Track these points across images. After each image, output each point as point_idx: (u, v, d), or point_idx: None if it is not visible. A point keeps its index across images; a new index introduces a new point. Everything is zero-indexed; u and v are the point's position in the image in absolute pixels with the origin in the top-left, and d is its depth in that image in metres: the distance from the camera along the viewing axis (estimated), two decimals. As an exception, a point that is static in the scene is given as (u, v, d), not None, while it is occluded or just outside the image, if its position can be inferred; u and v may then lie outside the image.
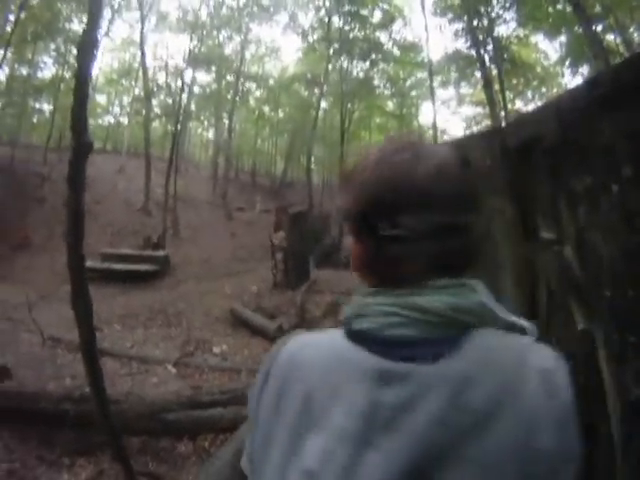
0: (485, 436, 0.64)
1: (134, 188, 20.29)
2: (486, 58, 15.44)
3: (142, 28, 18.78)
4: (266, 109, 25.76)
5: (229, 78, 20.88)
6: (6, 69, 19.07)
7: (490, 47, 15.40)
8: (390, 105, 23.78)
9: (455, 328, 0.68)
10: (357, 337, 0.70)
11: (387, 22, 16.65)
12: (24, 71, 21.81)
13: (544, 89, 20.89)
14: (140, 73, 21.38)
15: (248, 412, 0.79)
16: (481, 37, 15.21)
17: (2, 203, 16.57)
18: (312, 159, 23.71)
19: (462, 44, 16.11)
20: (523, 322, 0.75)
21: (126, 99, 25.73)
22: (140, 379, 6.08)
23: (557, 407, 0.68)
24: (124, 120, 27.29)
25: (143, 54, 19.05)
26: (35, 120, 25.48)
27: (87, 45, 3.30)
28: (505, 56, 15.63)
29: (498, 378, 0.67)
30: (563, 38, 16.12)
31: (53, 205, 16.99)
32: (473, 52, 15.59)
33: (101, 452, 4.19)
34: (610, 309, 1.77)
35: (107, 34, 21.36)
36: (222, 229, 21.43)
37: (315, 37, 17.81)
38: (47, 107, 23.05)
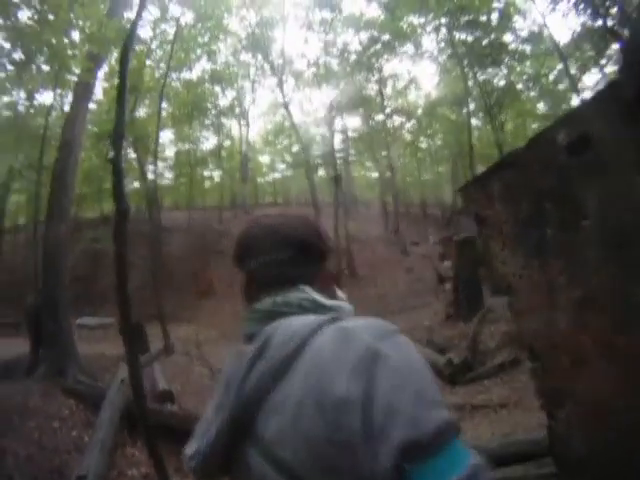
0: (284, 384, 0.91)
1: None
2: (619, 26, 13.07)
3: (282, 90, 20.28)
4: (420, 139, 25.46)
5: (377, 117, 21.21)
6: (173, 148, 21.96)
7: (617, 16, 13.02)
8: (541, 107, 21.75)
9: (272, 319, 1.01)
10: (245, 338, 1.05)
11: (506, 21, 15.40)
12: (187, 146, 25.34)
13: None
14: (292, 130, 23.01)
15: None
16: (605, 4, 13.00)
17: (187, 258, 18.96)
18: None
19: (586, 18, 13.85)
20: (341, 304, 1.12)
21: (287, 155, 27.72)
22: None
23: (349, 357, 0.87)
24: (289, 174, 29.41)
25: (289, 113, 20.60)
26: (206, 185, 28.58)
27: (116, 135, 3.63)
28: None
29: (290, 339, 0.94)
30: None
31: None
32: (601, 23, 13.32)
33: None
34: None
35: (253, 103, 23.62)
36: (397, 265, 21.42)
37: (443, 57, 17.27)
38: (215, 173, 25.91)
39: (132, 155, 19.75)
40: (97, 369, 8.91)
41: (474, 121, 22.02)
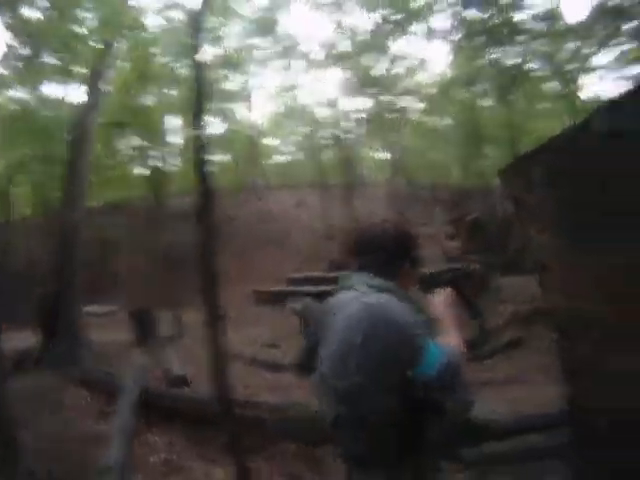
0: (331, 333, 1.76)
1: (314, 216, 21.44)
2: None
3: (289, 72, 20.21)
4: (430, 120, 25.20)
5: (386, 98, 21.01)
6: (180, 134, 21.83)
7: None
8: (551, 86, 21.40)
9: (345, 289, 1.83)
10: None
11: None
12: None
13: None
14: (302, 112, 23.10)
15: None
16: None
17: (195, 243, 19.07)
18: (486, 163, 22.50)
19: None
20: (384, 283, 1.74)
21: (295, 137, 27.50)
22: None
23: (361, 316, 1.65)
24: (299, 156, 29.23)
25: (296, 95, 20.58)
26: (215, 169, 28.43)
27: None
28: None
29: (345, 306, 1.74)
30: None
31: (245, 239, 18.98)
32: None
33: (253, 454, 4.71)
34: None
35: (260, 86, 23.60)
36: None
37: (456, 37, 17.02)
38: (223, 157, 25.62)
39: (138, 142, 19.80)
40: (109, 356, 9.02)
41: (486, 102, 21.76)
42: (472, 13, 15.62)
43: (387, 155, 29.64)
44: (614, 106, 2.37)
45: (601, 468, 2.33)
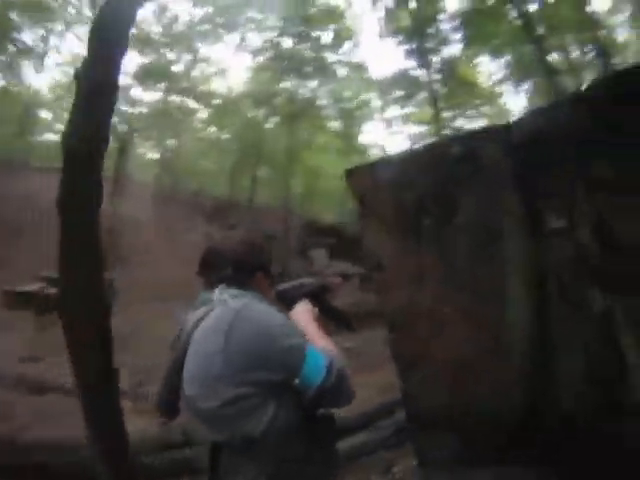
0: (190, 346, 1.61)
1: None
2: (433, 78, 16.10)
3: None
4: (212, 129, 25.34)
5: (176, 97, 20.45)
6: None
7: (437, 67, 16.04)
8: (334, 125, 23.97)
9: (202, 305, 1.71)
10: None
11: (338, 43, 16.93)
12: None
13: (485, 107, 21.82)
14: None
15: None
16: (428, 58, 15.78)
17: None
18: (256, 180, 23.56)
19: (409, 64, 16.61)
20: (243, 292, 1.68)
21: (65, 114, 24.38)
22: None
23: (224, 320, 1.53)
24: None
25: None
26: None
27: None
28: (451, 76, 16.27)
29: (203, 319, 1.61)
30: (506, 58, 17.08)
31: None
32: (420, 72, 16.13)
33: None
34: (630, 285, 1.84)
35: (56, 49, 20.68)
36: (165, 251, 20.84)
37: (265, 57, 17.82)
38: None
39: None
40: None
41: (270, 124, 22.82)
42: (287, 41, 16.56)
43: (157, 155, 28.68)
44: (462, 139, 2.84)
45: (434, 450, 2.68)
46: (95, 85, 2.64)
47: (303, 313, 1.81)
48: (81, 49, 20.50)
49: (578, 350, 2.28)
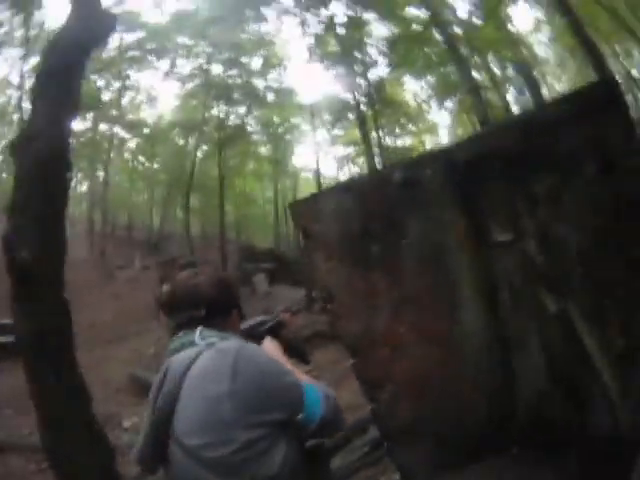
0: (182, 393, 1.46)
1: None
2: (361, 100, 16.63)
3: (23, 67, 16.92)
4: (141, 159, 24.76)
5: (105, 126, 19.83)
6: None
7: (365, 89, 16.58)
8: (264, 150, 24.12)
9: (178, 350, 1.57)
10: None
11: (267, 69, 17.12)
12: None
13: (413, 125, 22.77)
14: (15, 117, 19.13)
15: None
16: (356, 81, 16.30)
17: None
18: (189, 210, 23.21)
19: (338, 88, 17.08)
20: (223, 333, 1.60)
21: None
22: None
23: (226, 363, 1.44)
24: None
25: (22, 96, 16.87)
26: None
27: None
28: (378, 97, 16.87)
29: (180, 365, 1.50)
30: (430, 78, 18.00)
31: None
32: (349, 95, 16.58)
33: None
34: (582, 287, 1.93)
35: None
36: (103, 290, 20.06)
37: (194, 83, 17.69)
38: None
39: None
40: None
41: (200, 153, 22.61)
42: (216, 67, 16.49)
43: (85, 187, 27.73)
44: (406, 165, 2.89)
45: (414, 464, 2.69)
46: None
47: (274, 349, 1.84)
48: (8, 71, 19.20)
49: (538, 350, 2.36)
